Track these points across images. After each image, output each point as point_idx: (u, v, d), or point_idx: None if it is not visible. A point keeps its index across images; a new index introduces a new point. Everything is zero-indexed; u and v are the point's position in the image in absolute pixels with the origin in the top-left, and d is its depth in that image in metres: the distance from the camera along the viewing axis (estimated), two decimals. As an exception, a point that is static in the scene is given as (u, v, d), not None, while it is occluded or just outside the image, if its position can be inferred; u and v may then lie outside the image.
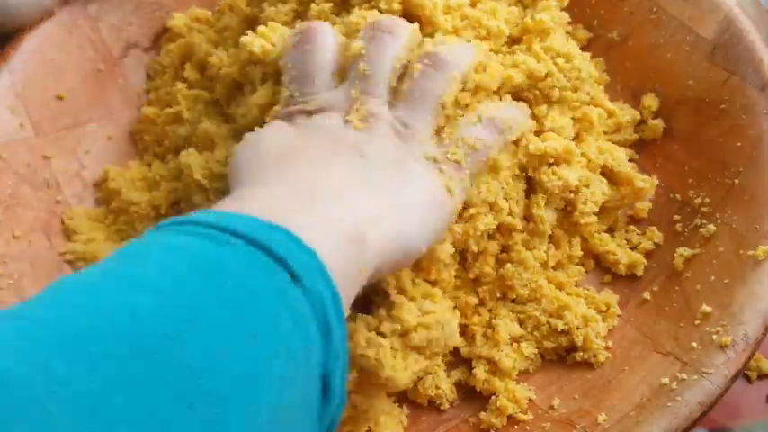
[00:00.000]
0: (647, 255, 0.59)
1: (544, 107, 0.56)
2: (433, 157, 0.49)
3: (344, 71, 0.51)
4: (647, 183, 0.58)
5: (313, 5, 0.57)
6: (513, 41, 0.58)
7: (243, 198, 0.42)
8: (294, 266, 0.34)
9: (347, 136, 0.48)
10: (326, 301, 0.35)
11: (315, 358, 0.34)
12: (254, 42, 0.54)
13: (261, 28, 0.55)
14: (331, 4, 0.56)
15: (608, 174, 0.58)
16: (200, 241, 0.35)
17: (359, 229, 0.41)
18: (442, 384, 0.54)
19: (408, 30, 0.52)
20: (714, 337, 0.51)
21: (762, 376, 0.59)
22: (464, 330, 0.55)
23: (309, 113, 0.50)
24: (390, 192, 0.45)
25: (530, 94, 0.56)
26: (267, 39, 0.55)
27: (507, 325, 0.54)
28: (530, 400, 0.54)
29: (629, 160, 0.60)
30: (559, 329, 0.55)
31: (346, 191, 0.44)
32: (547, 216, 0.56)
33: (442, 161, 0.49)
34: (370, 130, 0.48)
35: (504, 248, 0.55)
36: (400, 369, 0.48)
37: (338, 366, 0.35)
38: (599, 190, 0.56)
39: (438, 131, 0.51)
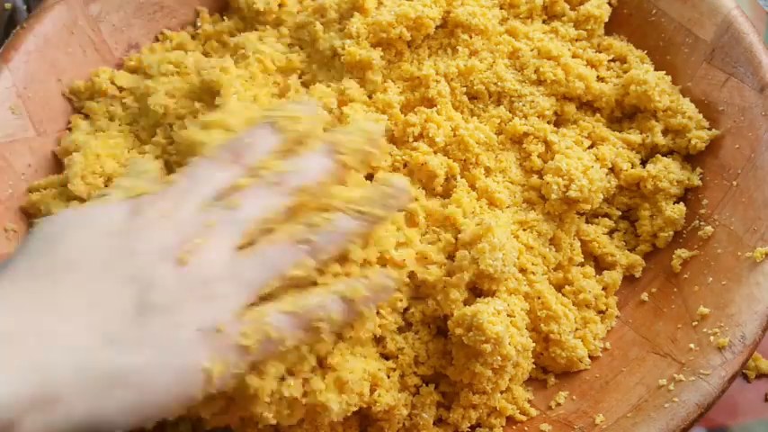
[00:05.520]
0: (646, 256, 0.59)
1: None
2: (220, 329, 0.44)
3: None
4: (675, 213, 0.58)
5: None
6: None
7: None
8: None
9: (152, 271, 0.44)
10: None
11: None
12: None
13: None
14: None
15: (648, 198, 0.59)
16: None
17: (10, 416, 0.37)
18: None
19: (299, 179, 0.49)
20: (712, 338, 0.52)
21: (760, 375, 0.60)
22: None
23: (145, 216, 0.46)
24: (120, 365, 0.41)
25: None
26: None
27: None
28: (528, 401, 0.55)
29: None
30: (558, 330, 0.55)
31: (54, 350, 0.39)
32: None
33: (230, 339, 0.44)
34: (184, 273, 0.44)
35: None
36: None
37: None
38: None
39: (245, 308, 0.45)
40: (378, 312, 0.52)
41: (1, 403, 0.37)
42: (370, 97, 0.59)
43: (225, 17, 0.68)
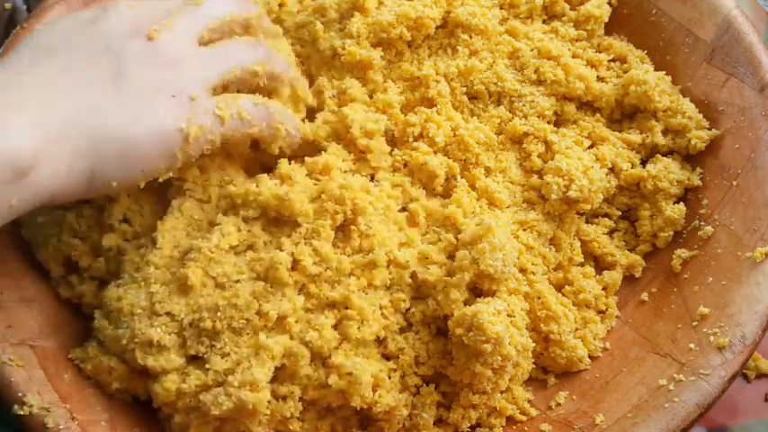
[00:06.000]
0: (646, 256, 0.59)
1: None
2: (195, 96, 0.50)
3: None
4: (675, 213, 0.58)
5: None
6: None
7: None
8: None
9: (123, 45, 0.49)
10: None
11: None
12: None
13: None
14: None
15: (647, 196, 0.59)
16: None
17: (23, 162, 0.43)
18: None
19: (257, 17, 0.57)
20: (711, 338, 0.52)
21: (760, 375, 0.60)
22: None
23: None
24: (109, 115, 0.47)
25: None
26: None
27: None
28: (528, 401, 0.55)
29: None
30: (558, 330, 0.55)
31: (53, 106, 0.46)
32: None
33: (204, 108, 0.50)
34: (154, 45, 0.50)
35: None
36: None
37: None
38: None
39: (215, 89, 0.52)
40: (381, 313, 0.52)
41: (16, 153, 0.43)
42: (370, 97, 0.59)
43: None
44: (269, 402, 0.49)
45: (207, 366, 0.49)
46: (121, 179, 0.48)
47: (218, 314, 0.50)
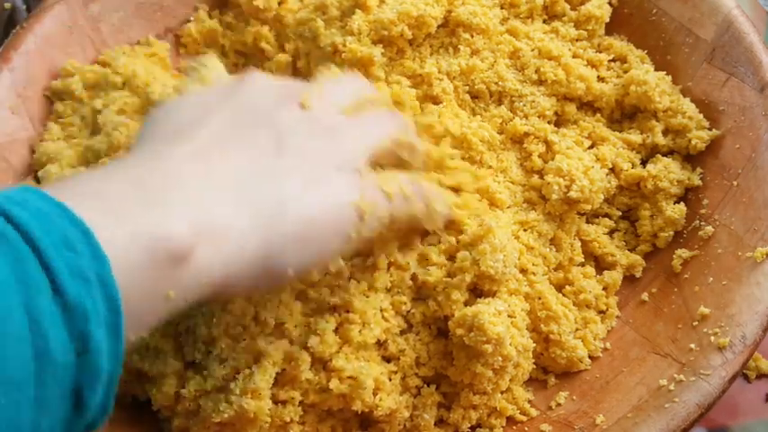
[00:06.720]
0: (646, 256, 0.59)
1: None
2: (359, 170, 0.45)
3: None
4: (676, 213, 0.58)
5: None
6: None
7: (92, 178, 0.39)
8: (61, 276, 0.32)
9: (278, 114, 0.44)
10: (91, 318, 0.32)
11: (56, 370, 0.32)
12: None
13: None
14: None
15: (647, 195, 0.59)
16: None
17: (182, 244, 0.37)
18: None
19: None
20: (712, 338, 0.52)
21: (761, 376, 0.60)
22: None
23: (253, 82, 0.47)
24: (281, 186, 0.42)
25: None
26: None
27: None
28: (529, 401, 0.55)
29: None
30: (558, 330, 0.55)
31: (211, 182, 0.40)
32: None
33: (370, 182, 0.45)
34: (310, 114, 0.45)
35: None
36: None
37: (97, 383, 0.33)
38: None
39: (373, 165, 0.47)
40: (382, 316, 0.52)
41: (170, 237, 0.36)
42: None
43: (224, 15, 0.68)
44: (269, 408, 0.49)
45: (205, 373, 0.49)
46: (297, 263, 0.42)
47: (214, 320, 0.49)
